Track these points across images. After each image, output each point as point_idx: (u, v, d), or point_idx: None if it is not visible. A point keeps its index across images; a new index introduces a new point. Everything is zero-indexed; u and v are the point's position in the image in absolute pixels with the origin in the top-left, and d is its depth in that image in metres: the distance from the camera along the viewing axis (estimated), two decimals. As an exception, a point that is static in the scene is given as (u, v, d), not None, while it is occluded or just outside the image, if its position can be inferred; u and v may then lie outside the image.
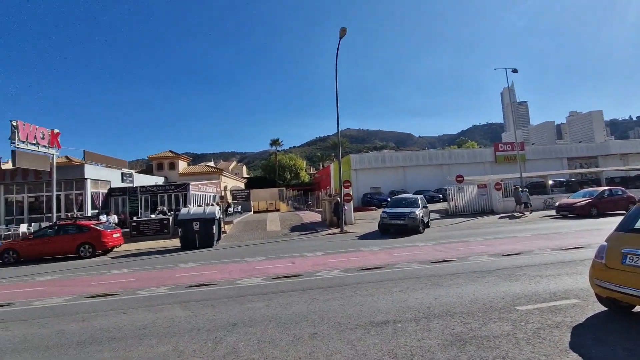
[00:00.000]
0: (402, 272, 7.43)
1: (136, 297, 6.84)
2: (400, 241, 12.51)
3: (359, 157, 37.72)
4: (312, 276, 7.64)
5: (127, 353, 4.08)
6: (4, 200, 22.21)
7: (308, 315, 4.99)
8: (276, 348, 3.91)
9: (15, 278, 10.32)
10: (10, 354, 4.36)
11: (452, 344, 3.74)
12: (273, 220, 24.43)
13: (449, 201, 22.15)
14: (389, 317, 4.70)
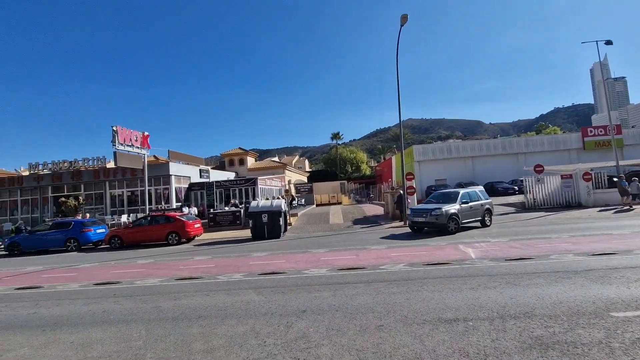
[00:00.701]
0: (473, 269, 7.07)
1: (216, 282, 7.61)
2: (466, 236, 11.82)
3: (422, 148, 36.16)
4: (377, 269, 7.67)
5: (212, 330, 4.62)
6: (109, 195, 26.14)
7: (374, 307, 5.07)
8: (344, 336, 4.07)
9: (121, 260, 12.16)
10: (121, 323, 5.22)
11: (532, 347, 3.51)
12: (335, 213, 24.82)
13: (526, 194, 20.14)
14: (458, 314, 4.55)
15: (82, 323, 5.35)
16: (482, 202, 14.28)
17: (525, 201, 20.11)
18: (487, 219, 14.07)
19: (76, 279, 9.17)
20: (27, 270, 11.22)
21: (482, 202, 14.26)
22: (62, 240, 16.35)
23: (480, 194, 14.56)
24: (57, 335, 4.88)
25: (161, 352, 4.01)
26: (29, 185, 27.07)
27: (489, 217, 14.15)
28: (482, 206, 14.13)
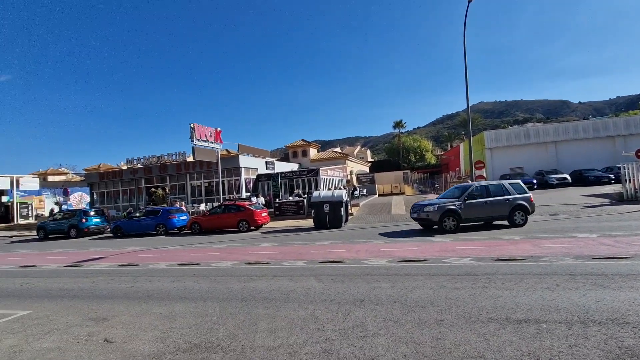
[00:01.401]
0: (551, 267, 6.40)
1: (281, 267, 8.09)
2: (550, 230, 10.65)
3: (494, 133, 33.11)
4: (439, 262, 7.39)
5: (276, 312, 4.96)
6: (189, 185, 29.13)
7: (434, 301, 4.93)
8: (401, 328, 4.06)
9: (199, 244, 13.55)
10: (199, 300, 5.89)
11: (619, 358, 3.11)
12: (398, 203, 24.26)
13: (625, 183, 17.31)
14: (530, 315, 4.21)
15: (168, 298, 6.16)
16: (509, 197, 12.32)
17: (624, 192, 17.33)
18: (518, 217, 12.16)
19: (164, 259, 10.51)
20: (127, 250, 13.17)
21: (510, 197, 12.30)
22: (153, 225, 18.78)
23: (510, 187, 12.65)
24: (149, 306, 5.71)
25: (231, 328, 4.45)
26: (127, 177, 31.44)
27: (521, 214, 12.19)
28: (509, 202, 12.25)
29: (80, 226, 20.38)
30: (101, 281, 7.96)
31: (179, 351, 3.87)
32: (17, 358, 4.00)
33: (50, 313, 5.70)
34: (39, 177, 44.60)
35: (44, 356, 3.99)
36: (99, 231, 21.27)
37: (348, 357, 3.47)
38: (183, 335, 4.31)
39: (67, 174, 59.35)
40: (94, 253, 12.93)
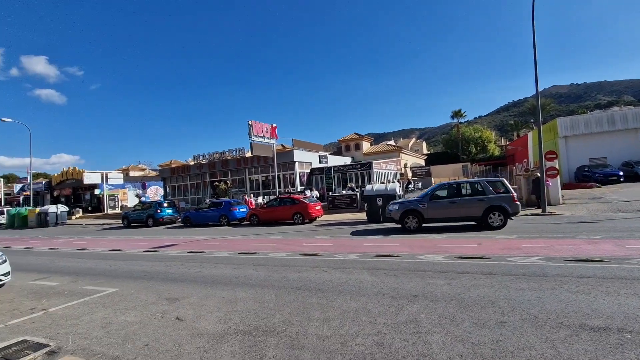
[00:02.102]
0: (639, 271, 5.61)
1: (333, 259, 8.22)
2: (637, 229, 9.29)
3: (569, 120, 29.36)
4: (502, 260, 6.90)
5: (328, 302, 5.08)
6: (248, 180, 30.78)
7: (495, 301, 4.65)
8: (458, 327, 3.91)
9: (257, 235, 14.31)
10: (257, 287, 6.25)
11: None
12: (456, 197, 23.00)
13: None
14: (611, 323, 3.77)
15: (230, 283, 6.65)
16: (483, 197, 11.38)
17: None
18: (495, 219, 11.16)
19: (226, 247, 11.31)
20: (194, 239, 14.41)
21: (484, 197, 11.35)
22: (217, 216, 20.25)
23: (487, 186, 11.59)
24: (214, 290, 6.22)
25: (287, 315, 4.68)
26: (194, 172, 34.20)
27: (498, 215, 11.14)
28: (483, 202, 11.31)
29: (156, 216, 22.77)
30: (173, 265, 8.85)
31: (239, 333, 4.18)
32: (107, 328, 4.66)
33: (132, 291, 6.51)
34: (123, 173, 50.58)
35: (128, 328, 4.59)
36: (171, 221, 23.53)
37: (400, 351, 3.45)
38: (243, 319, 4.64)
39: (145, 169, 66.34)
40: (167, 240, 14.37)
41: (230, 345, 3.84)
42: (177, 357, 3.65)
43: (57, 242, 16.40)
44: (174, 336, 4.21)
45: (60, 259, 11.47)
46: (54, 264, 10.39)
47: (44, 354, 3.92)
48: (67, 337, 4.39)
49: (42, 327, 4.88)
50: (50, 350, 4.02)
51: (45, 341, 4.29)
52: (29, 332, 4.70)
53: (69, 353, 3.93)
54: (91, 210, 40.66)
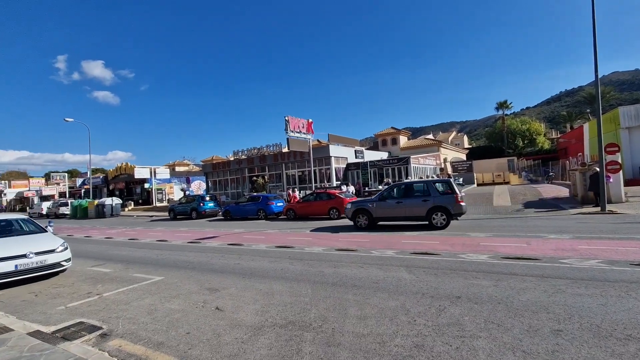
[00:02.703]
0: None
1: (370, 256, 8.07)
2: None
3: (634, 109, 26.23)
4: (555, 262, 6.35)
5: (365, 299, 4.97)
6: (285, 175, 31.28)
7: (549, 307, 4.26)
8: (506, 333, 3.63)
9: (294, 229, 14.47)
10: (294, 281, 6.28)
11: None
12: (501, 193, 21.68)
13: None
14: (691, 338, 3.29)
15: (267, 276, 6.75)
16: (427, 197, 11.92)
17: None
18: (438, 219, 11.70)
19: (264, 241, 11.55)
20: (234, 232, 14.90)
21: (428, 198, 11.88)
22: (254, 210, 20.81)
23: (433, 187, 12.11)
24: (252, 282, 6.35)
25: (322, 310, 4.63)
26: (233, 167, 35.40)
27: (441, 215, 11.65)
28: (426, 202, 11.87)
29: (199, 209, 23.90)
30: (214, 257, 9.19)
31: (275, 326, 4.20)
32: (153, 314, 4.92)
33: (176, 280, 6.84)
34: (169, 168, 53.63)
35: (172, 316, 4.80)
36: (213, 214, 24.56)
37: (442, 355, 3.26)
38: (280, 312, 4.67)
39: (189, 165, 69.93)
40: (209, 232, 14.99)
41: (267, 338, 3.87)
42: (217, 347, 3.74)
43: (112, 232, 17.76)
44: (214, 326, 4.33)
45: (114, 247, 12.39)
46: (108, 252, 11.24)
47: (97, 336, 4.21)
48: (117, 322, 4.68)
49: (97, 310, 5.26)
50: (103, 333, 4.32)
51: (98, 324, 4.62)
52: (85, 314, 5.09)
53: (119, 337, 4.18)
54: (141, 203, 43.66)
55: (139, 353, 3.69)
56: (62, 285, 7.05)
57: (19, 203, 59.58)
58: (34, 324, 4.65)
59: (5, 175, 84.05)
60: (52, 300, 5.96)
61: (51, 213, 36.50)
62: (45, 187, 58.90)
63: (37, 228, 8.82)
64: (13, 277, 6.87)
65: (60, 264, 7.64)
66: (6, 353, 3.63)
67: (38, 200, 50.70)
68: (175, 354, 3.62)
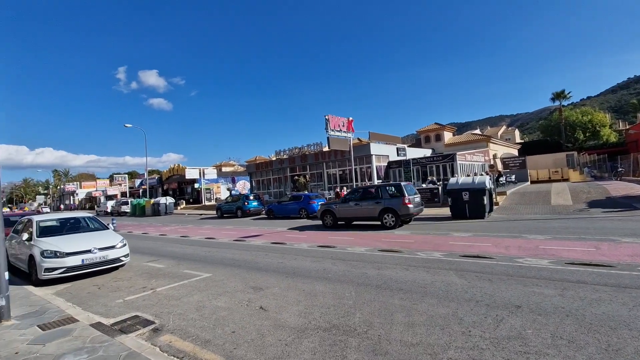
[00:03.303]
0: None
1: (415, 257, 7.71)
2: None
3: None
4: (634, 270, 5.57)
5: (412, 305, 4.70)
6: (325, 174, 31.35)
7: (630, 322, 3.71)
8: (580, 351, 3.20)
9: (334, 229, 14.36)
10: (336, 282, 6.16)
11: None
12: (560, 192, 19.80)
13: None
14: None
15: (309, 276, 6.71)
16: (379, 200, 13.20)
17: None
18: (388, 219, 12.85)
19: (305, 240, 11.58)
20: (277, 230, 15.16)
21: (380, 201, 13.14)
22: (297, 209, 21.05)
23: (386, 190, 13.43)
24: (294, 282, 6.33)
25: (367, 314, 4.46)
26: (276, 167, 36.19)
27: (390, 216, 12.80)
28: (378, 204, 13.13)
29: (243, 208, 24.74)
30: (258, 255, 9.38)
31: (319, 329, 4.11)
32: (201, 311, 5.07)
33: (223, 278, 7.04)
34: (216, 169, 56.30)
35: (218, 313, 4.91)
36: (257, 212, 25.28)
37: (503, 372, 2.94)
38: (323, 314, 4.57)
39: (234, 165, 72.92)
40: (253, 231, 15.40)
41: (310, 342, 3.79)
42: (261, 348, 3.73)
43: (166, 229, 18.96)
44: (258, 325, 4.35)
45: (167, 244, 13.18)
46: (162, 249, 11.96)
47: (150, 331, 4.42)
48: (168, 317, 4.89)
49: (150, 305, 5.55)
50: (155, 327, 4.52)
51: (151, 318, 4.86)
52: (140, 308, 5.39)
53: (170, 332, 4.35)
54: (192, 202, 46.28)
55: (187, 350, 3.80)
56: (121, 279, 7.58)
57: (88, 202, 66.30)
58: (95, 316, 5.02)
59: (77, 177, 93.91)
60: (112, 293, 6.42)
61: (114, 211, 40.11)
62: (110, 188, 64.92)
63: (100, 225, 9.60)
64: (80, 271, 7.53)
65: (120, 259, 8.24)
66: (71, 343, 3.92)
67: (104, 200, 55.88)
68: (222, 353, 3.67)
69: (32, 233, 8.21)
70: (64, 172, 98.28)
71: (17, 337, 4.23)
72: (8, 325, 4.66)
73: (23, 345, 3.94)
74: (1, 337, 4.27)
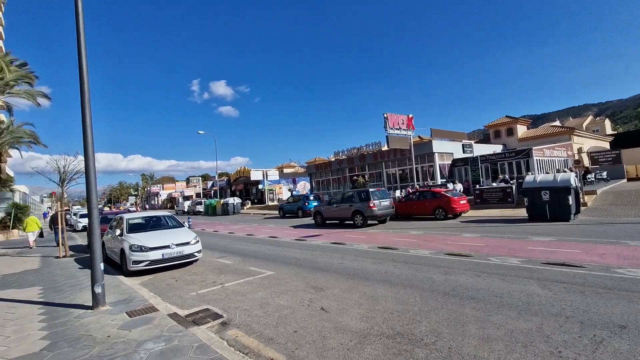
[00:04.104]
0: None
1: (488, 263, 7.04)
2: None
3: None
4: None
5: (487, 316, 4.25)
6: (385, 173, 30.63)
7: None
8: None
9: (396, 230, 13.89)
10: (399, 286, 5.87)
11: None
12: (673, 190, 16.60)
13: None
14: None
15: (370, 278, 6.52)
16: (351, 203, 15.91)
17: None
18: (358, 220, 15.50)
19: (365, 240, 11.36)
20: (337, 230, 15.16)
21: (352, 204, 15.83)
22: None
23: (357, 196, 15.91)
24: (355, 284, 6.20)
25: (434, 324, 4.14)
26: (334, 167, 36.42)
27: (359, 217, 15.43)
28: (350, 207, 15.80)
29: (304, 208, 25.29)
30: (318, 255, 9.43)
31: (382, 336, 3.93)
32: (265, 308, 5.21)
33: (285, 276, 7.19)
34: (278, 170, 58.62)
35: (281, 312, 5.00)
36: (315, 213, 25.68)
37: (607, 405, 2.47)
38: (386, 320, 4.37)
39: (295, 166, 75.17)
40: (314, 231, 15.61)
41: (373, 349, 3.62)
42: (322, 350, 3.68)
43: (234, 228, 20.21)
44: (319, 327, 4.32)
45: (234, 241, 14.00)
46: (230, 246, 12.73)
47: (218, 324, 4.66)
48: (235, 312, 5.12)
49: (219, 299, 5.88)
50: (223, 321, 4.76)
51: (220, 312, 5.13)
52: (210, 302, 5.74)
53: (236, 327, 4.54)
54: (257, 202, 48.83)
55: (252, 346, 3.91)
56: (195, 273, 8.20)
57: (169, 202, 74.02)
58: (172, 307, 5.47)
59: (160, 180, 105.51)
60: (186, 286, 6.96)
61: (190, 210, 44.26)
62: (186, 189, 71.80)
63: (177, 223, 10.54)
64: (160, 264, 8.33)
65: (194, 254, 8.93)
66: (151, 331, 4.30)
67: (181, 200, 61.81)
68: (284, 352, 3.70)
69: (122, 229, 9.32)
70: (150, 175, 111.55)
71: (110, 321, 4.78)
72: (103, 311, 5.31)
73: (114, 330, 4.44)
74: (98, 320, 4.87)
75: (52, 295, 6.58)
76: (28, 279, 8.52)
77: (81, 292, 6.66)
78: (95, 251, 5.51)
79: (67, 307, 5.66)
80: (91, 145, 5.68)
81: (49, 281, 8.03)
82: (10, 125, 31.14)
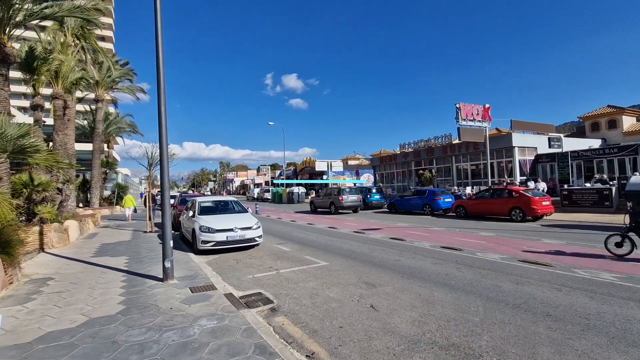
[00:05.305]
0: None
1: (572, 276, 6.04)
2: None
3: None
4: None
5: (566, 339, 3.62)
6: (455, 168, 28.59)
7: None
8: None
9: (464, 229, 12.84)
10: (460, 291, 5.35)
11: None
12: None
13: None
14: None
15: (428, 279, 6.08)
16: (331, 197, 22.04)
17: None
18: (332, 209, 21.52)
19: (427, 238, 10.71)
20: (397, 225, 14.62)
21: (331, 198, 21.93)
22: (420, 204, 19.87)
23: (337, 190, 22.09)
24: (410, 284, 5.84)
25: (498, 339, 3.66)
26: (400, 160, 35.16)
27: (334, 209, 21.38)
28: (329, 199, 21.97)
29: (366, 200, 24.92)
30: (375, 249, 9.16)
31: (434, 345, 3.59)
32: (314, 299, 5.19)
33: (338, 268, 7.12)
34: (343, 162, 58.85)
35: (329, 304, 4.92)
36: (379, 206, 25.09)
37: None
38: (440, 328, 4.00)
39: (359, 159, 74.63)
40: (374, 224, 15.28)
41: (422, 358, 3.33)
42: (366, 351, 3.50)
43: (296, 216, 20.85)
44: (366, 325, 4.13)
45: (295, 229, 14.40)
46: (290, 233, 13.12)
47: (268, 310, 4.77)
48: (285, 299, 5.20)
49: (273, 284, 6.05)
50: (273, 307, 4.86)
51: (272, 297, 5.26)
52: (264, 286, 5.93)
53: (284, 314, 4.59)
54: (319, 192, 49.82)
55: (296, 336, 3.90)
56: (254, 257, 8.60)
57: (242, 188, 79.78)
58: (229, 287, 5.77)
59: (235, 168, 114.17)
60: (245, 269, 7.31)
61: (259, 197, 47.30)
62: (257, 177, 76.43)
63: (242, 208, 11.16)
64: (224, 246, 8.91)
65: (255, 239, 9.38)
66: (207, 308, 4.58)
67: (252, 187, 66.08)
68: (327, 347, 3.61)
69: (195, 211, 10.18)
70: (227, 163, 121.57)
71: (175, 294, 5.23)
72: (171, 284, 5.84)
73: (176, 303, 4.83)
74: (165, 292, 5.36)
75: (135, 265, 7.47)
76: (119, 249, 9.84)
77: (157, 264, 7.45)
78: (166, 230, 6.07)
79: (144, 277, 6.35)
80: (165, 137, 6.22)
81: (135, 252, 9.16)
82: (116, 117, 36.32)
